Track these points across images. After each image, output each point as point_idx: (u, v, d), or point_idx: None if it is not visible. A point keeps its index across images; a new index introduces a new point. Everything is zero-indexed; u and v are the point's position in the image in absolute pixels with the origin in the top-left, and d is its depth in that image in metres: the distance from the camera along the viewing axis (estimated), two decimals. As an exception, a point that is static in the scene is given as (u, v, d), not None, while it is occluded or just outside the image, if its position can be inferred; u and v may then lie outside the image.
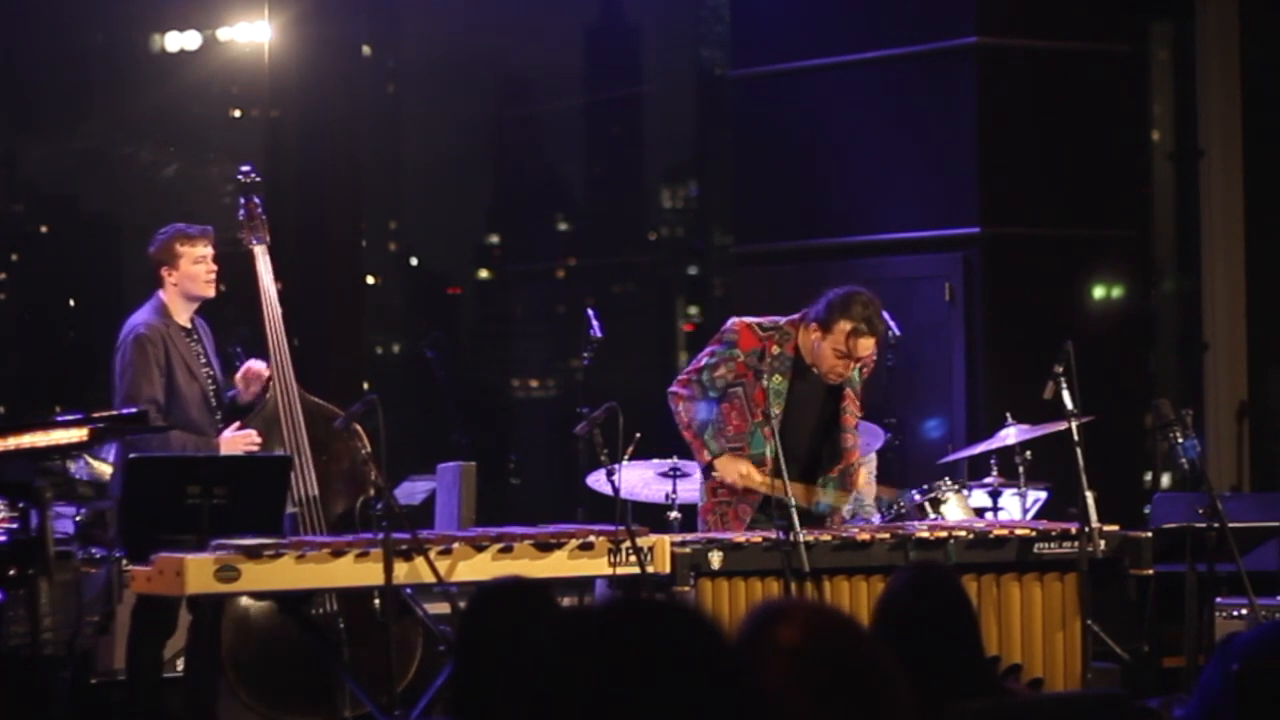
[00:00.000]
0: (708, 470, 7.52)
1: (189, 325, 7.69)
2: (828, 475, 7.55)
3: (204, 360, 7.69)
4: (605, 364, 8.95)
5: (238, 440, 7.64)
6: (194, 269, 7.65)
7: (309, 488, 7.70)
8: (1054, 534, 7.41)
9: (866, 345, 7.43)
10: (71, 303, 12.58)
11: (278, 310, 7.84)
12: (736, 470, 7.43)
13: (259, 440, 7.67)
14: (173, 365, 7.55)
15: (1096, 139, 10.52)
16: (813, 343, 7.43)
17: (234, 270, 8.13)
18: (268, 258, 7.90)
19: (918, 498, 8.38)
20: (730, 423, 7.50)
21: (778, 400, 7.44)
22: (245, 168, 8.11)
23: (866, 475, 8.02)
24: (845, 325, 7.36)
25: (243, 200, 7.99)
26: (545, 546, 6.86)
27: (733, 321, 7.60)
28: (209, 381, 7.69)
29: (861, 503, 7.83)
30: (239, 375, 7.80)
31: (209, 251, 7.68)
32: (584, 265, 16.43)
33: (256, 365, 7.79)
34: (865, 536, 7.28)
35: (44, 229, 13.04)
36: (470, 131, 16.08)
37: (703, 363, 7.55)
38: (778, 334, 7.51)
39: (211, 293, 7.73)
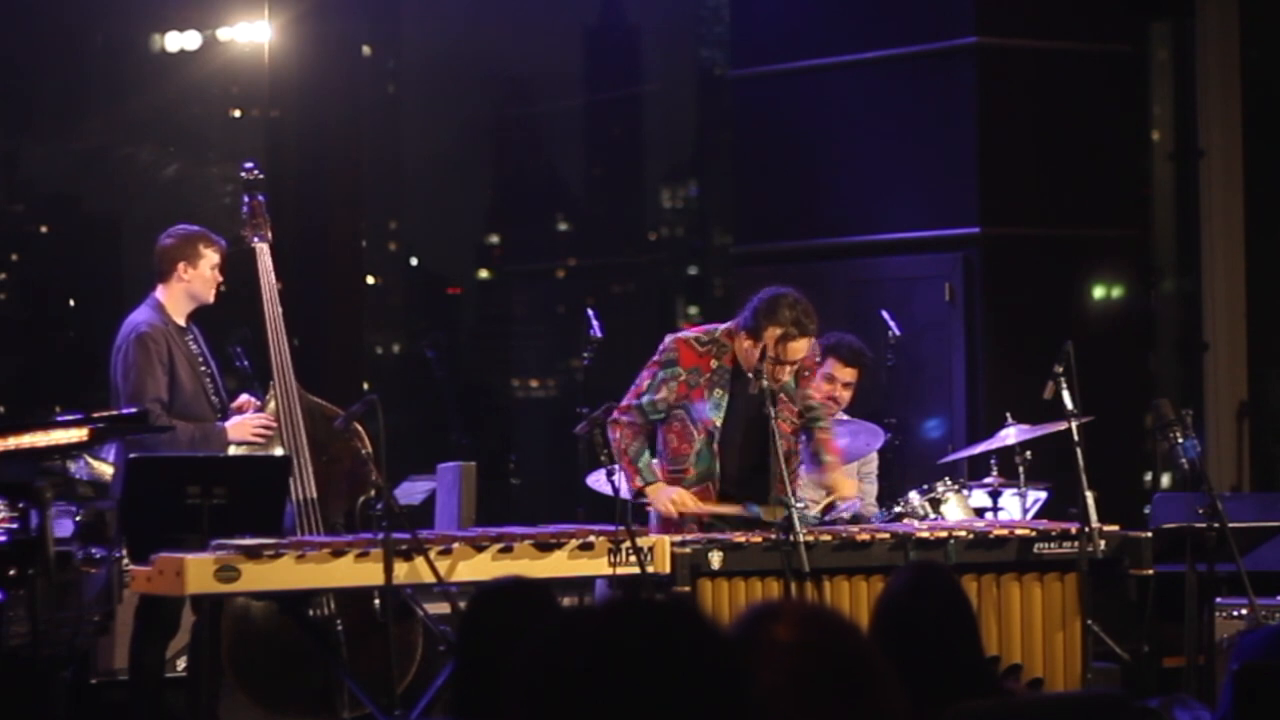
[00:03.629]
0: (638, 495, 7.36)
1: (185, 325, 7.69)
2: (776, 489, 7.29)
3: (202, 359, 7.69)
4: (605, 364, 8.95)
5: (246, 425, 7.62)
6: (210, 273, 7.68)
7: (308, 489, 7.69)
8: (1054, 534, 7.41)
9: (798, 348, 7.26)
10: (71, 303, 12.58)
11: (278, 309, 7.83)
12: (667, 499, 7.29)
13: (273, 424, 7.65)
14: (175, 363, 7.54)
15: (1096, 139, 10.52)
16: (746, 351, 7.28)
17: (234, 269, 8.13)
18: (269, 256, 7.89)
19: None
20: (670, 447, 7.39)
21: (718, 414, 7.35)
22: (249, 165, 8.08)
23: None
24: (775, 331, 7.20)
25: (246, 198, 7.96)
26: (545, 546, 6.86)
27: (670, 339, 7.44)
28: (208, 380, 7.68)
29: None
30: (234, 405, 7.78)
31: (220, 262, 7.72)
32: (584, 265, 16.45)
33: (252, 401, 7.76)
34: (865, 536, 7.27)
35: (44, 229, 13.04)
36: (470, 131, 16.11)
37: (644, 385, 7.40)
38: (715, 347, 7.37)
39: (213, 300, 7.74)
